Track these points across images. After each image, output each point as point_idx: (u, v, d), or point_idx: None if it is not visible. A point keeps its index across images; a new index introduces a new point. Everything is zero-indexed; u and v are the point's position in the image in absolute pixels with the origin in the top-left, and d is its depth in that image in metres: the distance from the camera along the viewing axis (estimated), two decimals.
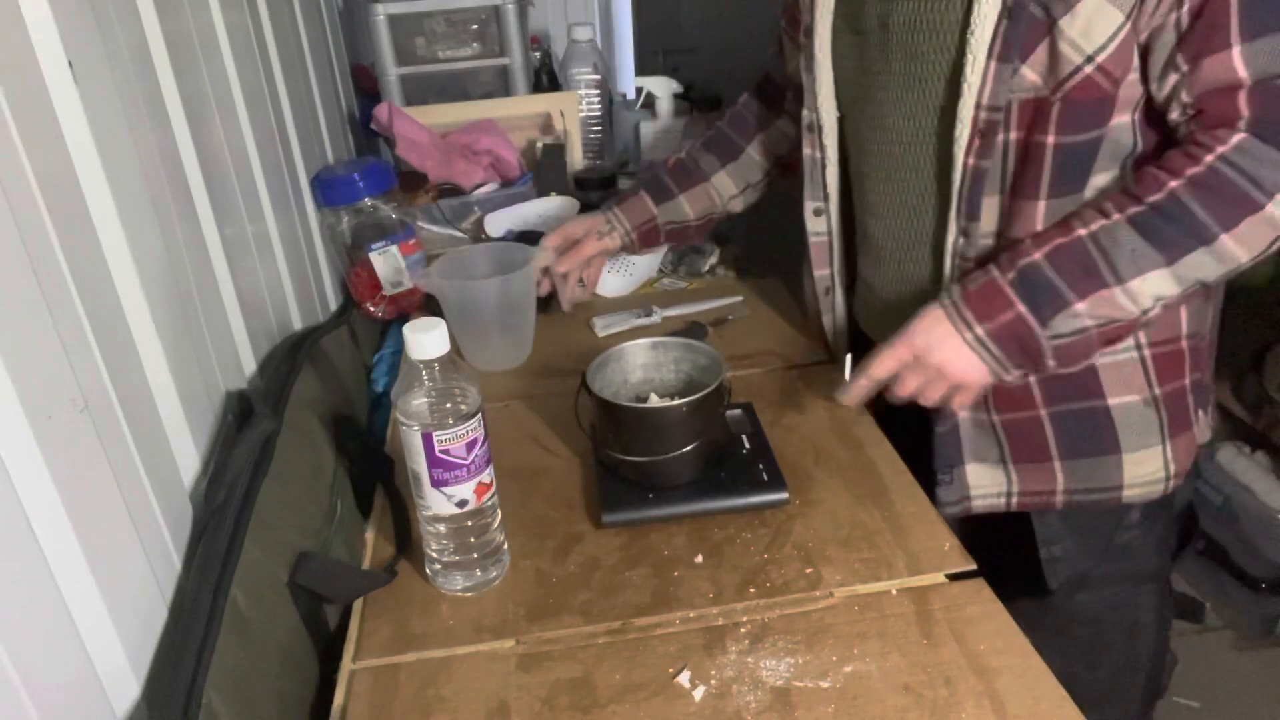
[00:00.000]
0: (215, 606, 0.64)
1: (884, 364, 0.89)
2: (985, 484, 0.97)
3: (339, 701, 0.74)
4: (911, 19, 0.86)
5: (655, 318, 1.29)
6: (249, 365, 0.94)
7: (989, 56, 0.80)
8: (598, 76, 1.73)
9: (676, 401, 0.90)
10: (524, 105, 1.70)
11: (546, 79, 1.82)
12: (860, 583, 0.81)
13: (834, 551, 0.85)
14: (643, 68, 2.33)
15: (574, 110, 1.69)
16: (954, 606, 0.78)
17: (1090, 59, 0.78)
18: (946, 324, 0.85)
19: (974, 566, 0.82)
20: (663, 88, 1.68)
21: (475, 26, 1.71)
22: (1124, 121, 0.82)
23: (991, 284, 0.84)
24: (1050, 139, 0.82)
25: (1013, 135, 0.83)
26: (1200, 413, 0.94)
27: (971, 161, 0.84)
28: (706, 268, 1.44)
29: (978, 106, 0.82)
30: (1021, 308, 0.82)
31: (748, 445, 0.96)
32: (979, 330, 0.84)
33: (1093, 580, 1.01)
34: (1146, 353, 0.89)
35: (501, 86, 1.75)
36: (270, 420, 0.82)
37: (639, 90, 1.82)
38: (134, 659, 0.60)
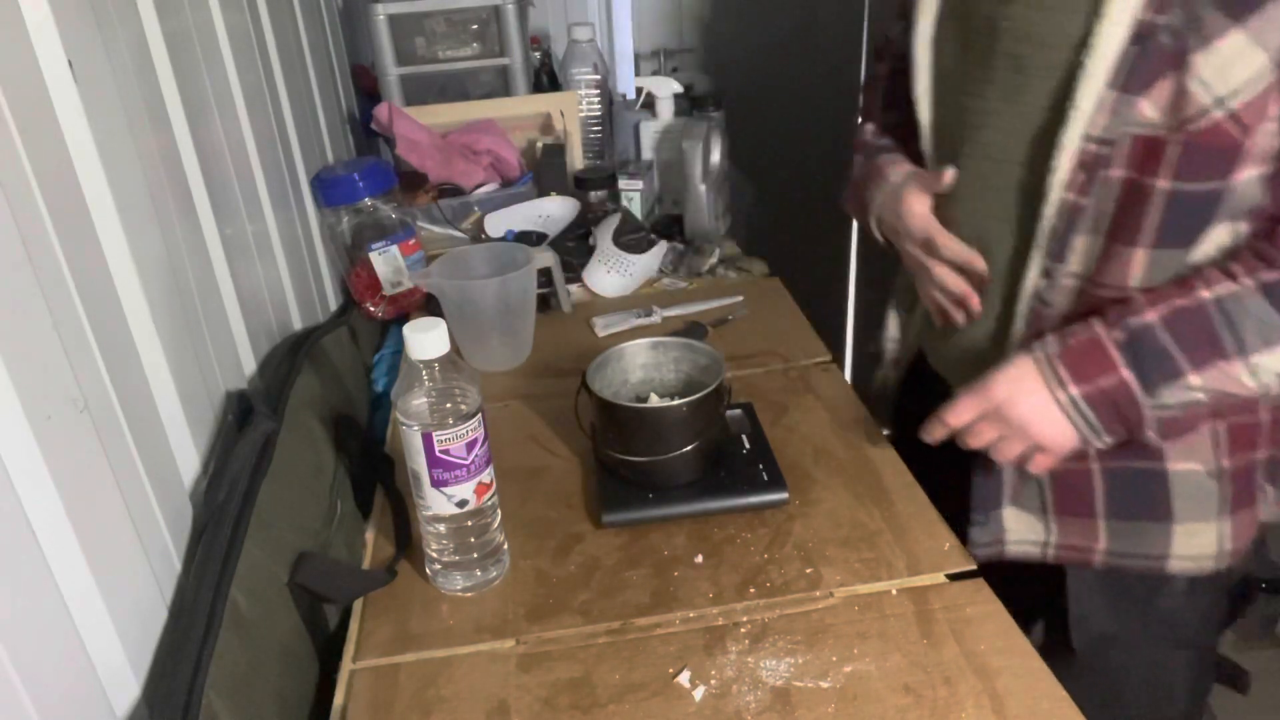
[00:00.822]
0: (215, 607, 0.64)
1: (962, 411, 0.81)
2: (1022, 530, 0.89)
3: (339, 701, 0.74)
4: (1023, 26, 0.76)
5: (655, 318, 1.29)
6: (249, 365, 0.94)
7: (1106, 83, 0.70)
8: (598, 76, 1.73)
9: (676, 401, 0.90)
10: (524, 105, 1.70)
11: (546, 79, 1.82)
12: (860, 583, 0.81)
13: (834, 551, 0.85)
14: (642, 68, 2.33)
15: (574, 110, 1.69)
16: (954, 606, 0.78)
17: (1222, 102, 0.68)
18: (1037, 379, 0.77)
19: (974, 566, 0.82)
20: (663, 88, 1.68)
21: (475, 26, 1.71)
22: (1252, 175, 0.71)
23: (1094, 342, 0.75)
24: (1163, 183, 0.72)
25: (1119, 173, 0.73)
26: (1270, 488, 0.85)
27: (1069, 196, 0.75)
28: (706, 268, 1.44)
29: (1085, 137, 0.72)
30: (1127, 373, 0.73)
31: (748, 445, 0.96)
32: (1074, 391, 0.75)
33: (1122, 642, 0.92)
34: (1221, 424, 0.80)
35: (501, 86, 1.75)
36: (270, 420, 0.82)
37: (639, 90, 1.81)
38: (134, 659, 0.60)
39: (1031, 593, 1.00)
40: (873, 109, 1.09)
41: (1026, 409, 0.78)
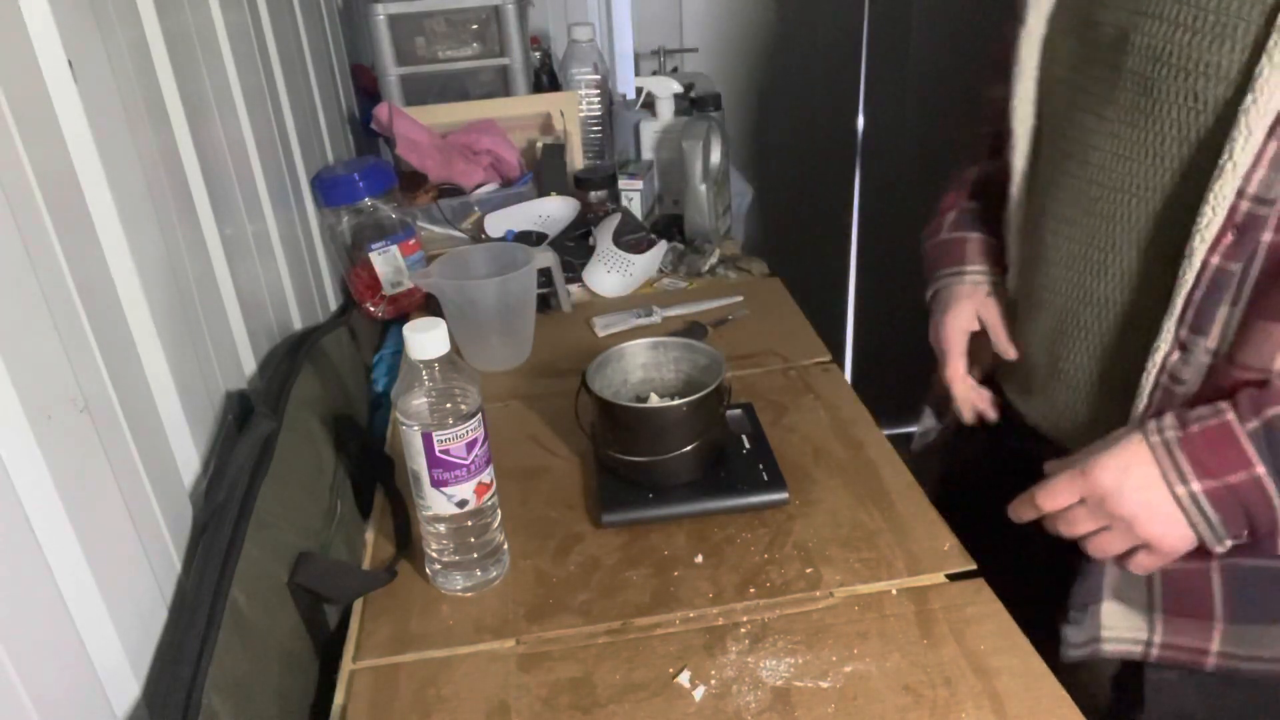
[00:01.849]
0: (215, 606, 0.64)
1: (1057, 495, 0.72)
2: (1121, 628, 0.79)
3: (339, 701, 0.74)
4: (1159, 46, 0.66)
5: (655, 318, 1.29)
6: (249, 365, 0.94)
7: (1270, 135, 0.61)
8: (598, 76, 1.73)
9: (676, 401, 0.90)
10: (524, 105, 1.70)
11: (546, 79, 1.82)
12: (860, 583, 0.81)
13: (834, 551, 0.85)
14: (642, 68, 2.33)
15: (574, 110, 1.69)
16: (954, 606, 0.78)
17: None
18: (1152, 468, 0.68)
19: (974, 566, 0.82)
20: (663, 88, 1.68)
21: (475, 26, 1.71)
22: None
23: (1224, 430, 0.65)
24: None
25: (1275, 238, 0.64)
26: None
27: (1215, 260, 0.65)
28: (706, 268, 1.44)
29: (1240, 195, 0.63)
30: (1261, 469, 0.64)
31: (748, 445, 0.96)
32: (1195, 487, 0.66)
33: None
34: None
35: (501, 86, 1.75)
36: (270, 420, 0.82)
37: (639, 90, 1.81)
38: (134, 659, 0.60)
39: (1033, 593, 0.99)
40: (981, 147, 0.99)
41: (1136, 503, 0.68)
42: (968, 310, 0.92)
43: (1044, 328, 0.81)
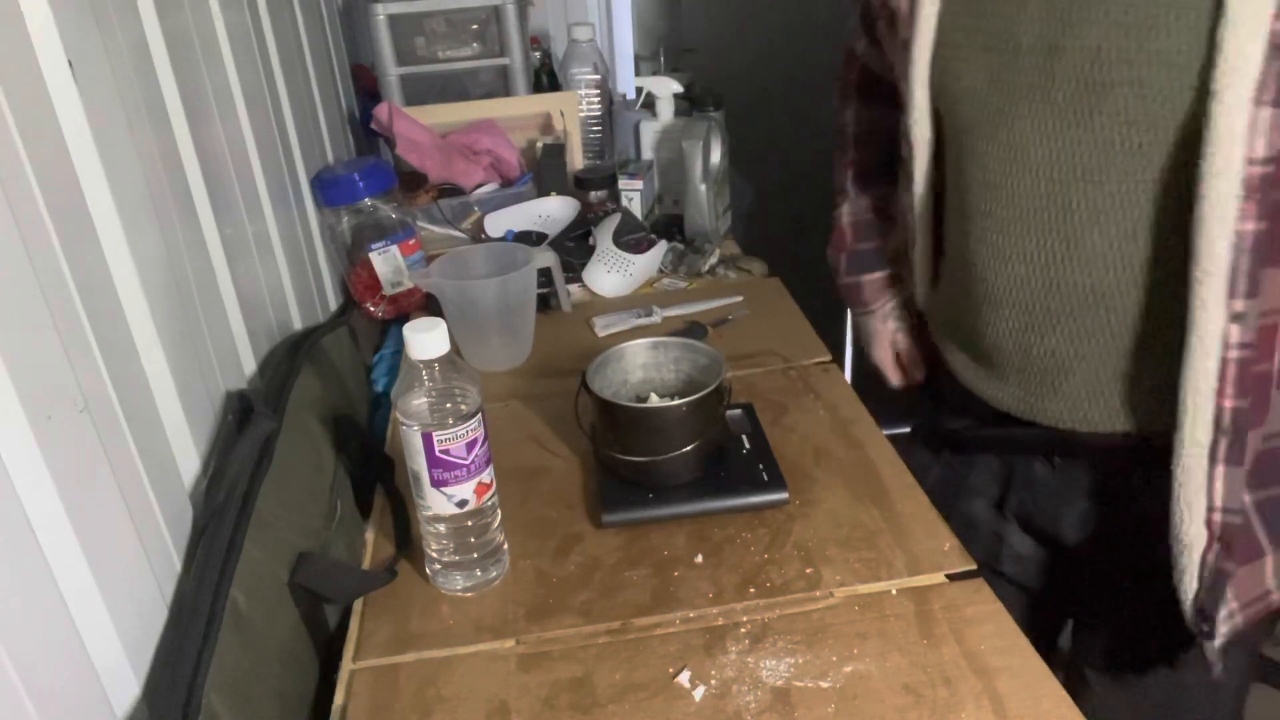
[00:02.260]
0: (215, 606, 0.64)
1: None
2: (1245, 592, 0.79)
3: (339, 701, 0.74)
4: (1095, 45, 0.72)
5: (655, 318, 1.29)
6: (249, 365, 0.94)
7: (1256, 103, 0.65)
8: (598, 76, 1.73)
9: (676, 401, 0.90)
10: (524, 105, 1.70)
11: (546, 79, 1.82)
12: (860, 583, 0.81)
13: (834, 551, 0.85)
14: (642, 68, 2.33)
15: (574, 110, 1.69)
16: (954, 606, 0.78)
17: None
18: None
19: (974, 566, 0.82)
20: (663, 88, 1.68)
21: (475, 26, 1.71)
22: None
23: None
24: None
25: None
26: None
27: (1249, 226, 0.68)
28: (706, 268, 1.44)
29: (1249, 161, 0.66)
30: None
31: (748, 445, 0.96)
32: None
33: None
34: None
35: (501, 86, 1.75)
36: (270, 420, 0.82)
37: (639, 90, 1.81)
38: (134, 659, 0.60)
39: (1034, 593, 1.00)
40: (845, 180, 1.20)
41: None
42: (885, 340, 1.13)
43: (1010, 322, 0.85)
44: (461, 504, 0.80)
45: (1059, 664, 0.75)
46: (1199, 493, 0.74)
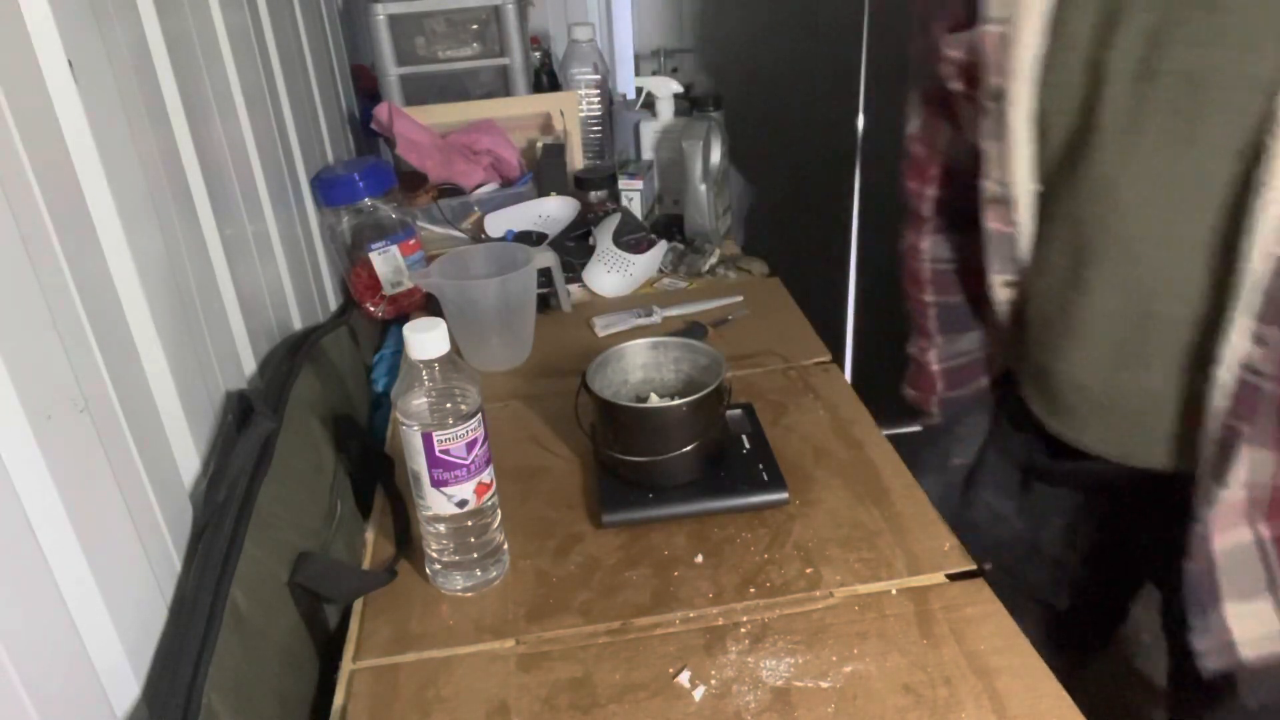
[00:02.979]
0: (215, 606, 0.64)
1: None
2: (1253, 629, 0.76)
3: (339, 701, 0.74)
4: (1193, 71, 0.68)
5: (655, 318, 1.29)
6: (249, 365, 0.94)
7: None
8: (598, 76, 1.73)
9: (676, 401, 0.90)
10: (524, 105, 1.70)
11: (546, 79, 1.82)
12: (860, 583, 0.81)
13: (834, 551, 0.85)
14: (642, 68, 2.33)
15: (574, 110, 1.69)
16: (954, 606, 0.78)
17: None
18: None
19: (974, 566, 0.82)
20: (663, 88, 1.68)
21: (475, 26, 1.71)
22: None
23: None
24: None
25: None
26: None
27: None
28: (706, 268, 1.44)
29: None
30: None
31: (748, 445, 0.96)
32: None
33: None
34: None
35: (501, 86, 1.75)
36: (270, 420, 0.82)
37: (639, 90, 1.82)
38: (134, 659, 0.60)
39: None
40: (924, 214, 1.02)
41: None
42: None
43: (1099, 359, 0.81)
44: (461, 504, 0.80)
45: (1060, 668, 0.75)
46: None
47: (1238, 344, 0.70)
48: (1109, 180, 0.75)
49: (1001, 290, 0.90)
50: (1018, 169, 0.81)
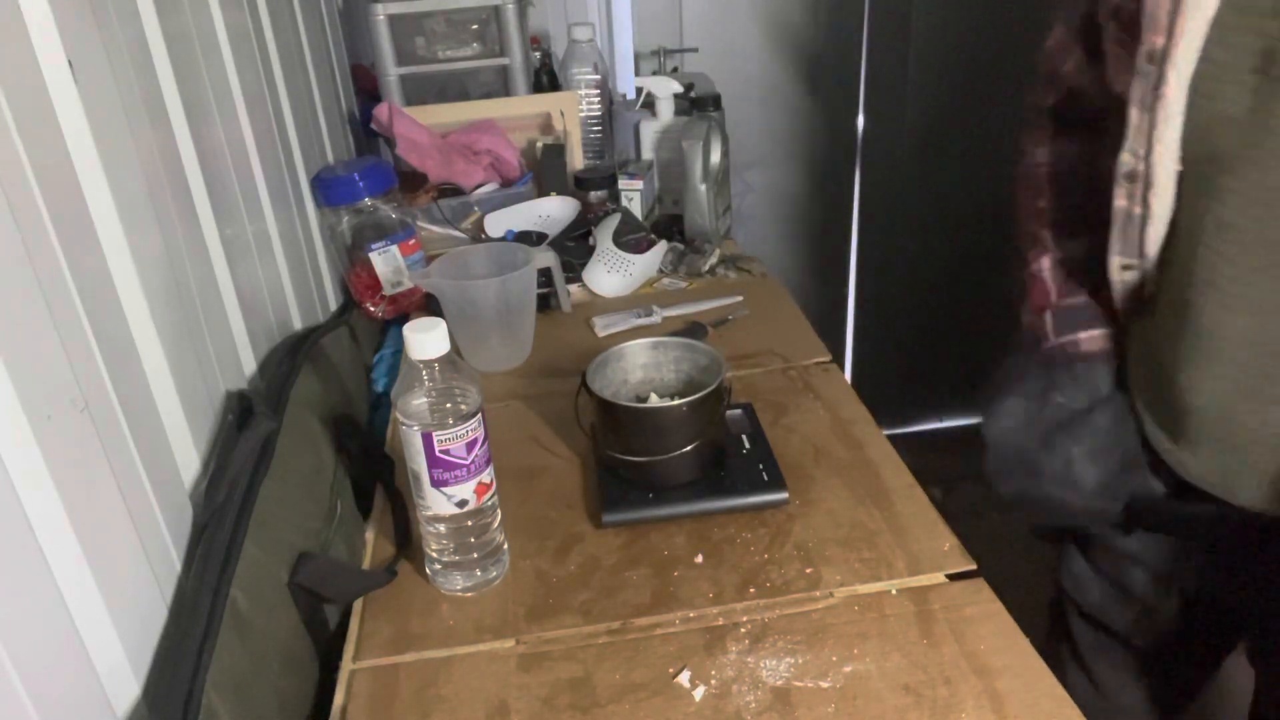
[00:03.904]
0: (215, 606, 0.64)
1: None
2: None
3: (339, 701, 0.74)
4: None
5: (655, 318, 1.29)
6: (249, 365, 0.94)
7: None
8: (598, 76, 1.73)
9: (676, 401, 0.90)
10: (524, 105, 1.70)
11: (546, 79, 1.82)
12: (860, 583, 0.81)
13: (834, 551, 0.85)
14: (642, 68, 2.33)
15: (574, 110, 1.69)
16: (954, 606, 0.78)
17: None
18: None
19: (974, 566, 0.82)
20: (663, 88, 1.68)
21: (475, 26, 1.71)
22: None
23: None
24: None
25: None
26: None
27: None
28: (706, 268, 1.44)
29: None
30: None
31: (748, 445, 0.96)
32: None
33: None
34: None
35: (501, 86, 1.75)
36: (270, 420, 0.82)
37: (639, 90, 1.81)
38: (134, 659, 0.60)
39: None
40: (1046, 229, 0.94)
41: None
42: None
43: (1221, 381, 0.75)
44: (461, 504, 0.80)
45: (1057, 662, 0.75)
46: None
47: None
48: (1271, 187, 0.67)
49: (1120, 273, 0.83)
50: (1164, 145, 0.73)
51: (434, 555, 0.83)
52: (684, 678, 0.73)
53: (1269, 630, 0.87)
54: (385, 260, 1.32)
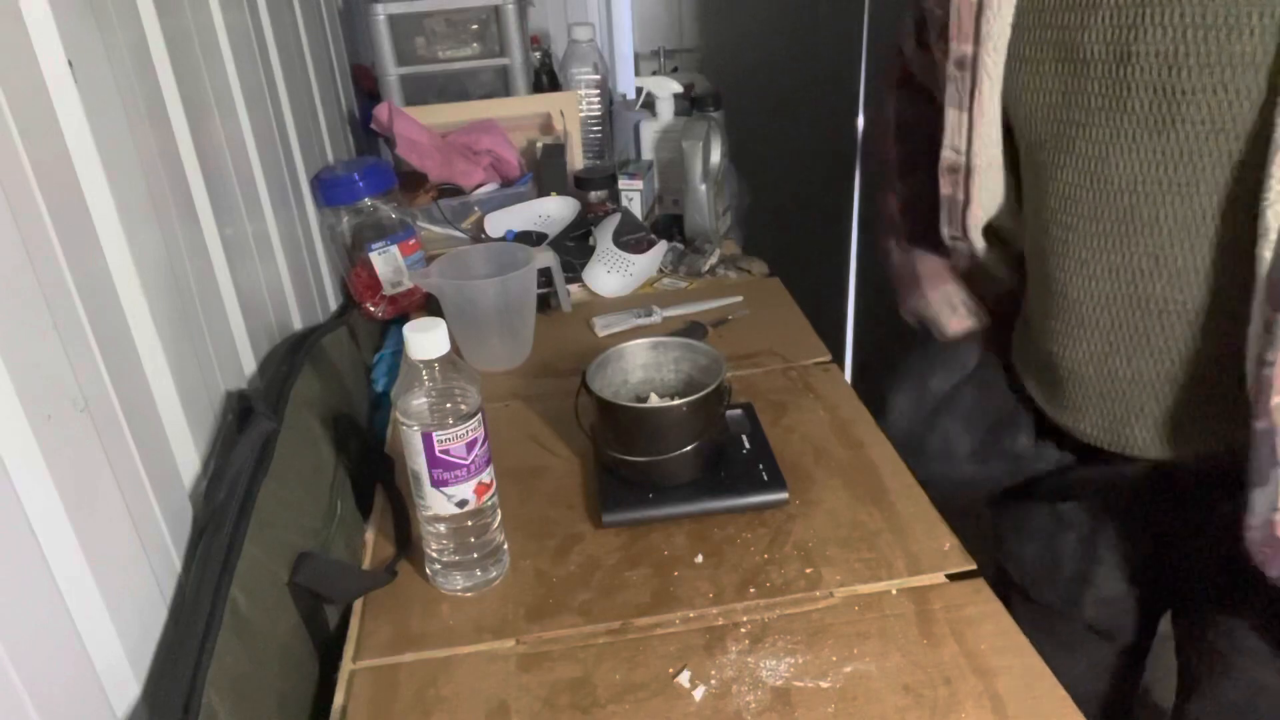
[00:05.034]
0: (215, 606, 0.64)
1: None
2: None
3: (339, 701, 0.74)
4: (1170, 50, 0.67)
5: (655, 318, 1.29)
6: (249, 365, 0.94)
7: None
8: (598, 76, 1.73)
9: (676, 401, 0.90)
10: (524, 105, 1.70)
11: (546, 79, 1.82)
12: (860, 583, 0.81)
13: (834, 551, 0.85)
14: (642, 68, 2.33)
15: (574, 110, 1.69)
16: (954, 606, 0.78)
17: None
18: None
19: (974, 566, 0.82)
20: (663, 88, 1.68)
21: (475, 26, 1.71)
22: None
23: None
24: None
25: None
26: None
27: None
28: (706, 268, 1.44)
29: None
30: None
31: (748, 445, 0.96)
32: None
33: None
34: None
35: (501, 86, 1.75)
36: (270, 420, 0.82)
37: (639, 90, 1.82)
38: (134, 659, 0.60)
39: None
40: (892, 171, 1.07)
41: None
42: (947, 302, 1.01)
43: (1092, 343, 0.81)
44: (461, 504, 0.80)
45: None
46: None
47: (1255, 331, 0.68)
48: (1100, 158, 0.75)
49: (951, 241, 0.93)
50: (982, 141, 0.82)
51: (434, 555, 0.83)
52: (684, 678, 0.73)
53: (1182, 577, 0.91)
54: (385, 260, 1.32)
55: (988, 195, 0.87)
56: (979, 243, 0.91)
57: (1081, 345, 0.83)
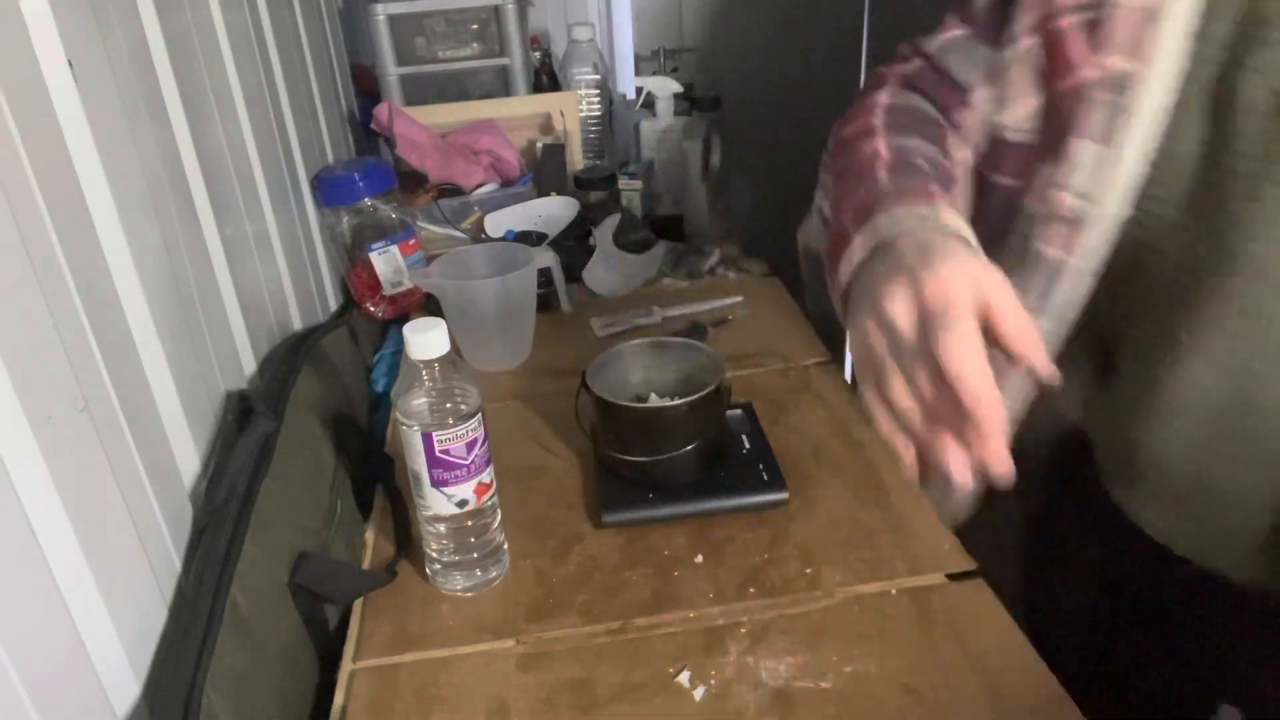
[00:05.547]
0: (215, 606, 0.64)
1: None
2: None
3: (339, 701, 0.74)
4: None
5: (655, 318, 1.29)
6: (249, 365, 0.94)
7: None
8: (598, 76, 1.73)
9: (676, 401, 0.90)
10: (524, 105, 1.70)
11: (546, 79, 1.82)
12: (860, 583, 0.81)
13: (834, 551, 0.85)
14: (642, 68, 2.33)
15: (574, 110, 1.69)
16: (954, 606, 0.78)
17: None
18: None
19: (974, 566, 0.82)
20: (663, 88, 1.68)
21: (475, 26, 1.71)
22: None
23: None
24: None
25: None
26: None
27: None
28: (706, 268, 1.44)
29: None
30: None
31: (748, 445, 0.96)
32: None
33: None
34: None
35: (501, 86, 1.75)
36: (270, 420, 0.82)
37: (639, 90, 1.82)
38: (134, 659, 0.60)
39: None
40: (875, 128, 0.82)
41: None
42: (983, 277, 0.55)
43: (1186, 434, 0.67)
44: (461, 504, 0.80)
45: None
46: None
47: None
48: (1233, 227, 0.59)
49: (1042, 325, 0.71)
50: (1119, 182, 0.63)
51: (434, 555, 0.83)
52: (684, 678, 0.73)
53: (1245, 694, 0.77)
54: (385, 260, 1.32)
55: (1087, 263, 0.67)
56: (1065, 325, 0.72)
57: (1170, 433, 0.68)
